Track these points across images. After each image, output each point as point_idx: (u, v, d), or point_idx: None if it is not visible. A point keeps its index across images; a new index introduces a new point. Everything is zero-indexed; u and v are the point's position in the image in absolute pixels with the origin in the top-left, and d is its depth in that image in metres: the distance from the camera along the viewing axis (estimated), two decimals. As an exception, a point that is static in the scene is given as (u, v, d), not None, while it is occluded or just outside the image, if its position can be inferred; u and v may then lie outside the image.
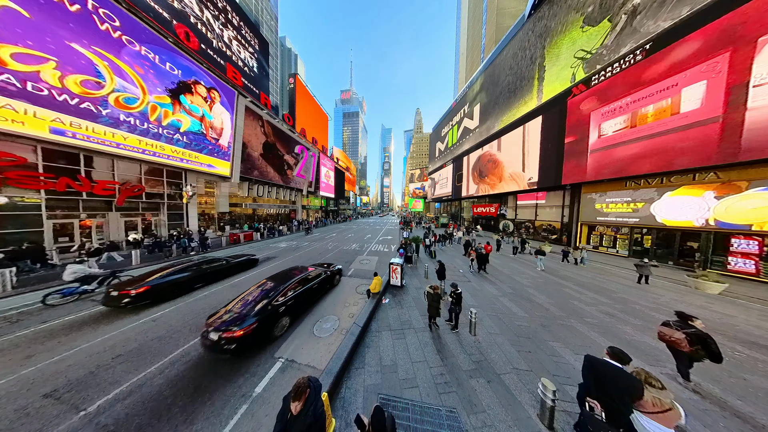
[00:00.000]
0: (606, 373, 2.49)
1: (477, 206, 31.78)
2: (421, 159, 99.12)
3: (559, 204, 19.17)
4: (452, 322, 5.72)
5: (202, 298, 7.49)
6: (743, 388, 3.92)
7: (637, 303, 7.51)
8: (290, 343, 5.11)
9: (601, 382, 2.49)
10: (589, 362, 2.61)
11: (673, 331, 3.80)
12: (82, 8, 10.88)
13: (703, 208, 10.98)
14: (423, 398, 3.63)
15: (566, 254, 13.12)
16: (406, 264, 11.56)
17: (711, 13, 9.91)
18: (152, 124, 13.97)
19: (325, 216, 48.60)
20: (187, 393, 3.72)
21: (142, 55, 13.22)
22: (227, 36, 21.58)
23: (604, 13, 14.50)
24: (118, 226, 14.03)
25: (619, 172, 13.31)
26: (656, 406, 2.26)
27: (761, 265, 9.72)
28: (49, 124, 10.10)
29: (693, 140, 10.41)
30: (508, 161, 24.01)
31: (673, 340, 3.80)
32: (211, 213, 21.95)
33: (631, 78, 12.65)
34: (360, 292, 8.17)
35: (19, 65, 9.24)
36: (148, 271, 7.67)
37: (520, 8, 48.28)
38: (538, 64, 20.09)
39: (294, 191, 35.29)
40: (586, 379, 2.63)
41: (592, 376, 2.56)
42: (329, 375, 3.85)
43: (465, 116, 36.19)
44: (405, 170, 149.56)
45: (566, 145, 16.52)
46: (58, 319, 6.00)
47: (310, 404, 1.97)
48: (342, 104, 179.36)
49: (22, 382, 3.90)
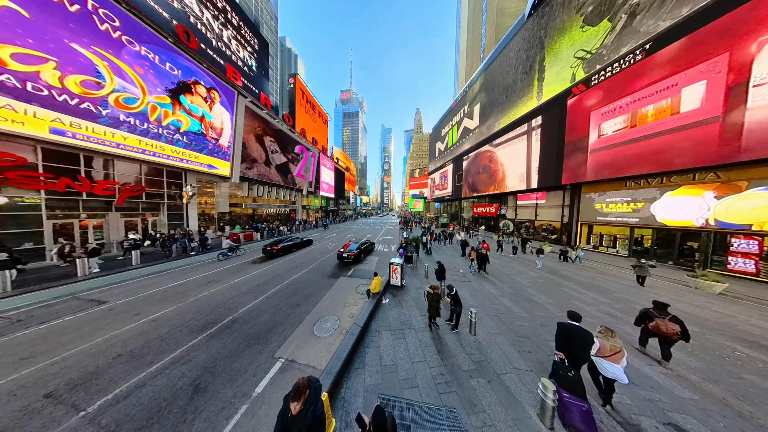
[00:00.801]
0: (571, 332, 3.57)
1: (477, 206, 31.78)
2: (421, 159, 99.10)
3: (559, 204, 19.17)
4: (452, 322, 5.72)
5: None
6: (743, 388, 3.93)
7: (637, 303, 7.51)
8: (290, 343, 5.12)
9: (568, 338, 3.56)
10: (560, 327, 3.65)
11: (666, 323, 4.32)
12: (82, 8, 10.87)
13: (703, 208, 10.98)
14: (423, 398, 3.64)
15: (564, 253, 13.44)
16: (406, 264, 11.57)
17: (711, 13, 9.91)
18: (152, 124, 13.97)
19: (325, 216, 48.60)
20: (187, 393, 3.73)
21: (141, 55, 13.22)
22: (227, 36, 21.58)
23: (604, 12, 14.50)
24: (118, 226, 14.03)
25: (619, 171, 13.31)
26: (611, 350, 3.32)
27: (761, 265, 9.72)
28: (49, 124, 10.10)
29: (693, 140, 10.41)
30: (509, 163, 24.02)
31: (668, 332, 4.28)
32: (211, 213, 21.95)
33: (628, 78, 12.65)
34: (360, 292, 8.18)
35: (19, 65, 9.23)
36: (276, 240, 15.08)
37: (520, 8, 48.26)
38: (538, 63, 20.08)
39: (294, 191, 35.29)
40: (558, 340, 3.64)
41: (563, 336, 3.59)
42: (329, 375, 3.85)
43: (465, 116, 36.17)
44: (405, 170, 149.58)
45: (566, 144, 16.53)
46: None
47: (309, 405, 1.97)
48: (342, 104, 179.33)
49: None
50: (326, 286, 8.93)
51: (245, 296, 7.78)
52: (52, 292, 7.87)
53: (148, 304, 7.09)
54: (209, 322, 6.03)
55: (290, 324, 5.97)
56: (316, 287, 8.74)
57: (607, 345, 3.35)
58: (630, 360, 4.55)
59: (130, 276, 9.84)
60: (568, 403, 3.02)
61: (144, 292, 8.09)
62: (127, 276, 9.79)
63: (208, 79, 17.75)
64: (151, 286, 8.64)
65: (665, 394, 3.74)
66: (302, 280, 9.54)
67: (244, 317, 6.31)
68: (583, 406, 2.94)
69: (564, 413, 3.08)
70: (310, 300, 7.54)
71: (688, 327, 5.60)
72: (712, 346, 5.15)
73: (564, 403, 3.06)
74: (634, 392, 3.77)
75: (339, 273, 10.66)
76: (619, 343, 3.33)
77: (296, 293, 8.11)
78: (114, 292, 8.03)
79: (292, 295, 7.90)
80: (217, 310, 6.74)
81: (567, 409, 3.03)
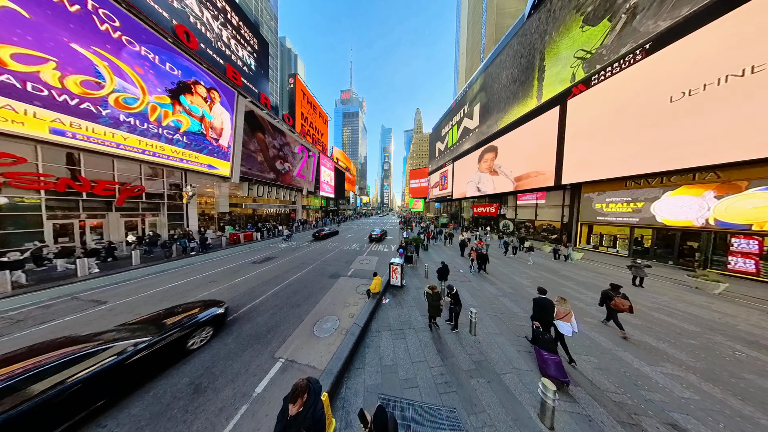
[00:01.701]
0: (542, 303, 4.83)
1: (477, 206, 31.76)
2: (421, 159, 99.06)
3: (559, 204, 19.16)
4: (452, 322, 5.72)
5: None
6: (743, 388, 3.93)
7: (636, 303, 7.49)
8: (290, 343, 5.11)
9: (542, 308, 4.79)
10: (535, 301, 4.93)
11: (624, 301, 5.53)
12: (82, 8, 10.88)
13: (703, 208, 10.98)
14: (423, 398, 3.64)
15: (556, 251, 14.15)
16: (406, 264, 11.57)
17: (711, 13, 9.91)
18: (152, 124, 13.97)
19: (325, 216, 48.58)
20: (188, 393, 3.73)
21: (141, 56, 13.22)
22: (227, 36, 21.58)
23: (604, 12, 14.49)
24: (118, 226, 14.04)
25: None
26: (564, 313, 4.50)
27: (761, 265, 9.72)
28: (49, 124, 10.10)
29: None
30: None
31: (625, 308, 5.48)
32: (211, 213, 21.95)
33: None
34: (360, 292, 8.17)
35: (19, 65, 9.24)
36: (320, 229, 22.71)
37: (520, 8, 48.27)
38: (538, 63, 20.06)
39: (294, 191, 35.29)
40: (534, 311, 4.87)
41: (538, 307, 4.84)
42: (329, 375, 3.85)
43: (465, 116, 36.15)
44: (405, 170, 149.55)
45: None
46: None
47: (309, 406, 1.97)
48: (342, 104, 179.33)
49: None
50: (326, 286, 8.93)
51: (245, 296, 7.78)
52: (52, 292, 7.87)
53: (149, 304, 7.09)
54: (209, 322, 6.01)
55: (290, 324, 5.96)
56: (316, 287, 8.74)
57: (561, 309, 4.56)
58: (628, 358, 4.63)
59: (130, 276, 9.85)
60: (547, 359, 4.00)
61: (144, 292, 8.10)
62: (126, 276, 9.80)
63: (208, 79, 17.75)
64: (151, 286, 8.65)
65: (665, 394, 3.74)
66: (302, 280, 9.54)
67: (244, 317, 6.31)
68: (556, 359, 4.01)
69: (544, 367, 4.03)
70: (310, 300, 7.53)
71: (687, 326, 6.04)
72: (712, 346, 5.15)
73: (544, 359, 4.03)
74: (634, 392, 3.78)
75: (339, 273, 10.66)
76: (568, 307, 4.53)
77: (296, 293, 8.11)
78: (114, 293, 8.04)
79: (292, 295, 7.90)
80: (217, 310, 6.73)
81: (546, 363, 4.00)
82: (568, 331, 4.38)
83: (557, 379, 3.83)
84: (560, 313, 4.52)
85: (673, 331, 5.76)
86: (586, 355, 4.75)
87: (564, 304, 4.57)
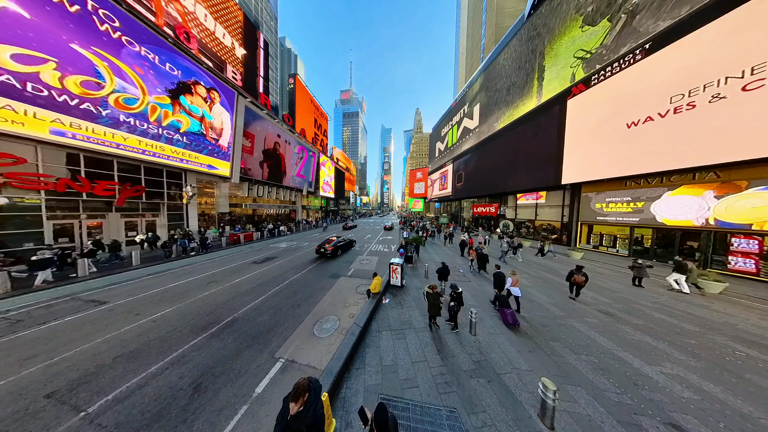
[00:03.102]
0: (499, 276, 6.93)
1: (477, 206, 31.76)
2: (421, 159, 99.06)
3: (559, 204, 19.16)
4: (452, 322, 5.72)
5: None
6: (743, 388, 3.93)
7: (636, 302, 7.52)
8: (290, 344, 5.12)
9: (498, 279, 6.90)
10: (495, 275, 7.03)
11: (579, 276, 7.39)
12: (82, 9, 10.86)
13: (703, 208, 10.98)
14: (423, 398, 3.64)
15: (541, 249, 15.01)
16: (406, 264, 11.56)
17: (711, 13, 9.90)
18: (152, 124, 13.96)
19: (325, 216, 48.56)
20: (188, 393, 3.73)
21: (141, 56, 13.21)
22: (226, 36, 21.52)
23: (604, 12, 14.49)
24: (118, 226, 14.03)
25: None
26: (515, 281, 6.80)
27: (761, 264, 9.72)
28: (49, 124, 10.09)
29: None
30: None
31: (580, 281, 7.40)
32: (211, 213, 21.94)
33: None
34: (360, 292, 8.18)
35: (18, 66, 9.23)
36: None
37: (519, 8, 48.25)
38: (538, 63, 20.06)
39: (294, 191, 35.28)
40: (495, 281, 6.95)
41: (497, 279, 6.90)
42: (329, 375, 3.85)
43: (465, 116, 36.15)
44: (405, 170, 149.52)
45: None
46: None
47: (309, 406, 1.97)
48: (342, 104, 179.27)
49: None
50: (326, 286, 8.93)
51: (246, 296, 7.78)
52: (52, 292, 7.87)
53: (149, 304, 7.10)
54: (210, 322, 6.03)
55: (290, 324, 5.97)
56: (316, 287, 8.75)
57: (514, 279, 6.81)
58: (628, 358, 4.62)
59: (130, 276, 9.85)
60: (506, 312, 5.93)
61: (144, 292, 8.10)
62: (126, 276, 9.81)
63: (207, 79, 17.73)
64: (151, 287, 8.65)
65: (665, 394, 3.74)
66: (302, 280, 9.54)
67: (244, 317, 6.31)
68: (510, 311, 5.94)
69: (504, 318, 5.94)
70: (311, 300, 7.54)
71: (687, 326, 6.10)
72: (712, 346, 5.15)
73: (504, 312, 5.98)
74: (634, 392, 3.78)
75: (339, 273, 10.66)
76: (517, 278, 6.86)
77: (296, 293, 8.11)
78: (114, 293, 8.04)
79: (293, 296, 7.90)
80: (218, 310, 6.74)
81: (505, 315, 5.92)
82: (518, 292, 6.69)
83: (513, 325, 5.80)
84: (514, 283, 6.75)
85: (672, 331, 5.76)
86: (586, 354, 4.75)
87: (514, 275, 6.86)
